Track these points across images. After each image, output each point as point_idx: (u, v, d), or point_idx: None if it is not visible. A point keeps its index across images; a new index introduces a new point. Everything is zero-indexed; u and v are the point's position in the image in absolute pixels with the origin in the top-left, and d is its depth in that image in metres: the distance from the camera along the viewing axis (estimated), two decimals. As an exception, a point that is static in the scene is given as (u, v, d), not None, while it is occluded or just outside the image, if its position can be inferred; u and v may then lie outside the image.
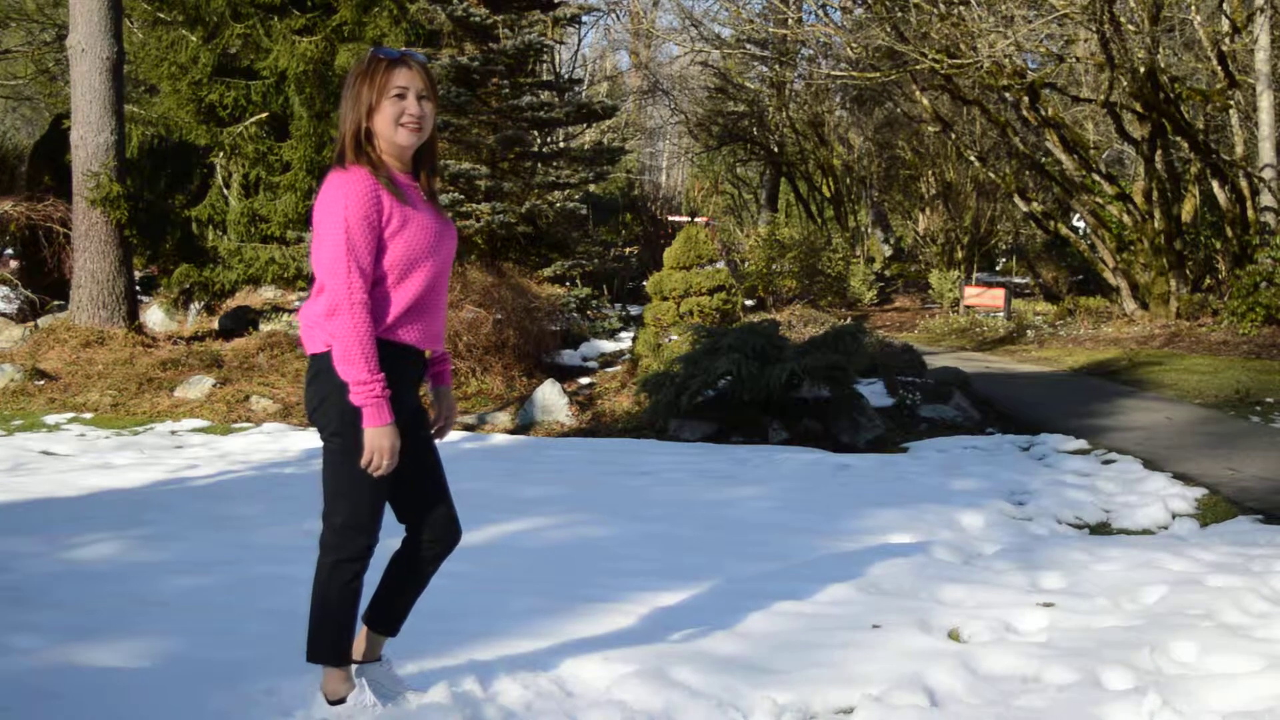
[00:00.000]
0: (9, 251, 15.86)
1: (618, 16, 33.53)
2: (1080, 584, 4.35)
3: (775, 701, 3.06)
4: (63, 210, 12.80)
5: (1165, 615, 3.86)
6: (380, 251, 2.65)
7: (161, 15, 13.30)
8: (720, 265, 11.24)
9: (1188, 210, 17.48)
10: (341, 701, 2.80)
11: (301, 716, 2.83)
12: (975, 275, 24.32)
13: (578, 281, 12.86)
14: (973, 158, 21.08)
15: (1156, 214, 16.59)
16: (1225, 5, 16.56)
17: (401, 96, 2.67)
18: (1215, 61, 16.09)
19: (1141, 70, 15.19)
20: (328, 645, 2.78)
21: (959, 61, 16.24)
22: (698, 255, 10.76)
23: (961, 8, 16.42)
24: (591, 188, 15.84)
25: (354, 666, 2.86)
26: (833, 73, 22.52)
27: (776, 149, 28.35)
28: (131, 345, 11.19)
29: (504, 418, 9.12)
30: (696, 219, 23.58)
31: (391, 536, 2.89)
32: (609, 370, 11.21)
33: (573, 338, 12.14)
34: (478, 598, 3.98)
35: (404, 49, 2.78)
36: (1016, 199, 19.61)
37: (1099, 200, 17.80)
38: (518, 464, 7.27)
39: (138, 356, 10.88)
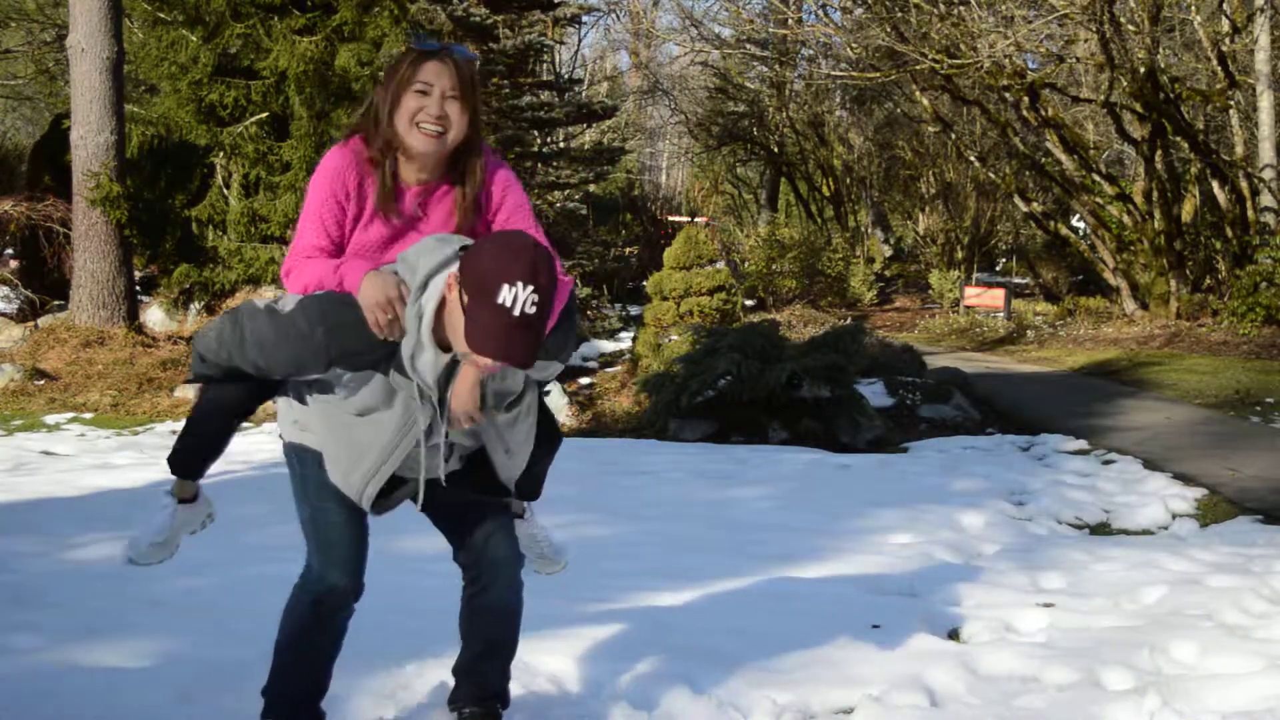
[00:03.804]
0: (9, 251, 15.85)
1: (618, 16, 33.52)
2: (1080, 584, 4.35)
3: (775, 701, 3.06)
4: (63, 210, 12.79)
5: (1165, 615, 3.86)
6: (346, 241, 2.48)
7: (161, 15, 13.30)
8: (720, 265, 11.25)
9: (1188, 210, 17.49)
10: None
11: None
12: (975, 275, 24.31)
13: (578, 281, 12.86)
14: (973, 158, 21.08)
15: (1156, 214, 16.59)
16: (1225, 5, 16.56)
17: (424, 93, 2.37)
18: (1215, 61, 16.09)
19: (1141, 70, 15.19)
20: None
21: (959, 61, 16.24)
22: (698, 255, 10.76)
23: (961, 8, 16.42)
24: (591, 188, 15.84)
25: None
26: (833, 73, 22.52)
27: (776, 149, 28.34)
28: (131, 345, 11.19)
29: (504, 418, 9.11)
30: (696, 219, 23.58)
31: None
32: (609, 370, 11.21)
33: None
34: (478, 598, 3.98)
35: (447, 43, 2.53)
36: (1016, 199, 19.61)
37: (1099, 200, 17.79)
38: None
39: (138, 356, 10.88)
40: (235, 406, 2.50)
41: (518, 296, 2.09)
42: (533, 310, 2.11)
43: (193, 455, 2.61)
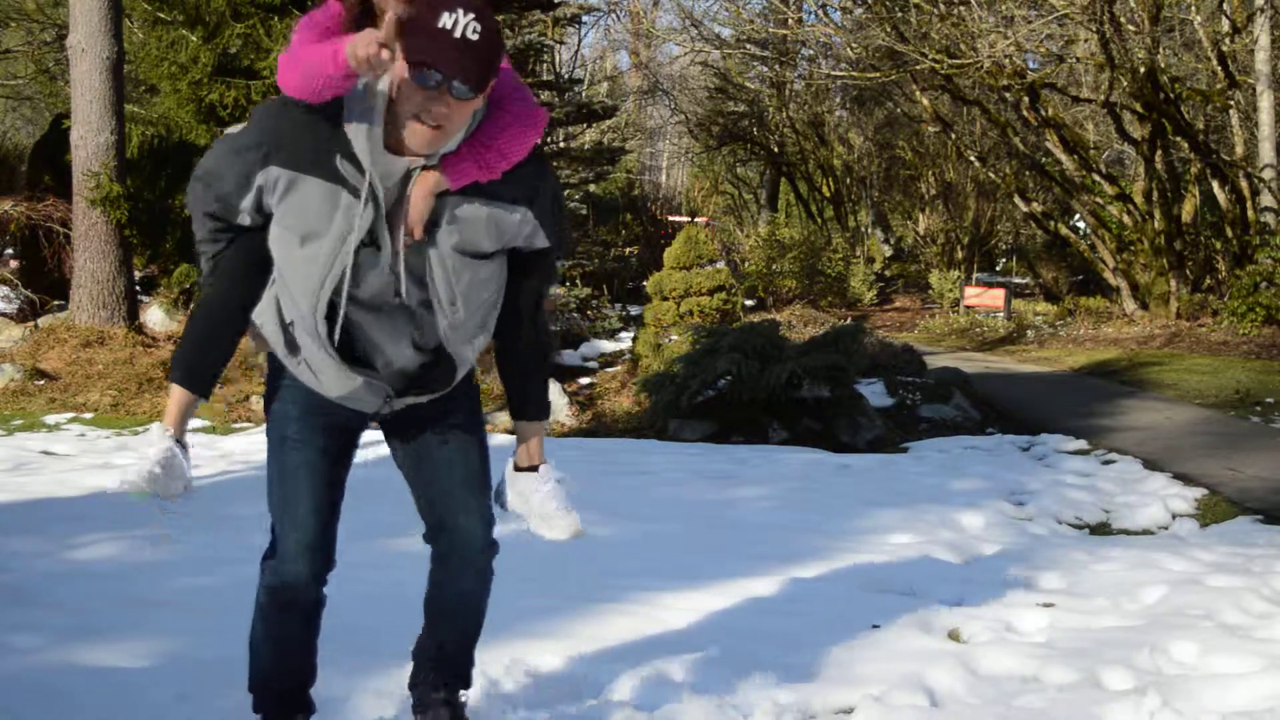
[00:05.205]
0: (9, 251, 15.84)
1: (618, 16, 33.54)
2: (1080, 584, 4.35)
3: (775, 701, 3.06)
4: (63, 210, 12.79)
5: (1165, 615, 3.86)
6: None
7: (161, 15, 13.29)
8: (720, 265, 11.25)
9: (1188, 210, 17.49)
10: None
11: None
12: (975, 275, 24.31)
13: (578, 281, 12.86)
14: (973, 158, 21.08)
15: (1156, 214, 16.59)
16: (1225, 5, 16.56)
17: None
18: (1215, 61, 16.09)
19: (1141, 70, 15.19)
20: None
21: (959, 61, 16.24)
22: (698, 255, 10.76)
23: (961, 8, 16.42)
24: (591, 188, 15.86)
25: None
26: (833, 73, 22.53)
27: (776, 149, 28.35)
28: (131, 345, 11.19)
29: (504, 418, 9.12)
30: (696, 219, 23.58)
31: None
32: (609, 370, 11.22)
33: (573, 338, 12.15)
34: (478, 598, 3.97)
35: None
36: (1016, 199, 19.61)
37: (1099, 200, 17.80)
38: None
39: (138, 356, 10.88)
40: (238, 279, 2.35)
41: (458, 21, 2.01)
42: (475, 37, 2.01)
43: (196, 351, 2.38)
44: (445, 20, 2.02)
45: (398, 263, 2.24)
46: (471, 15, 2.03)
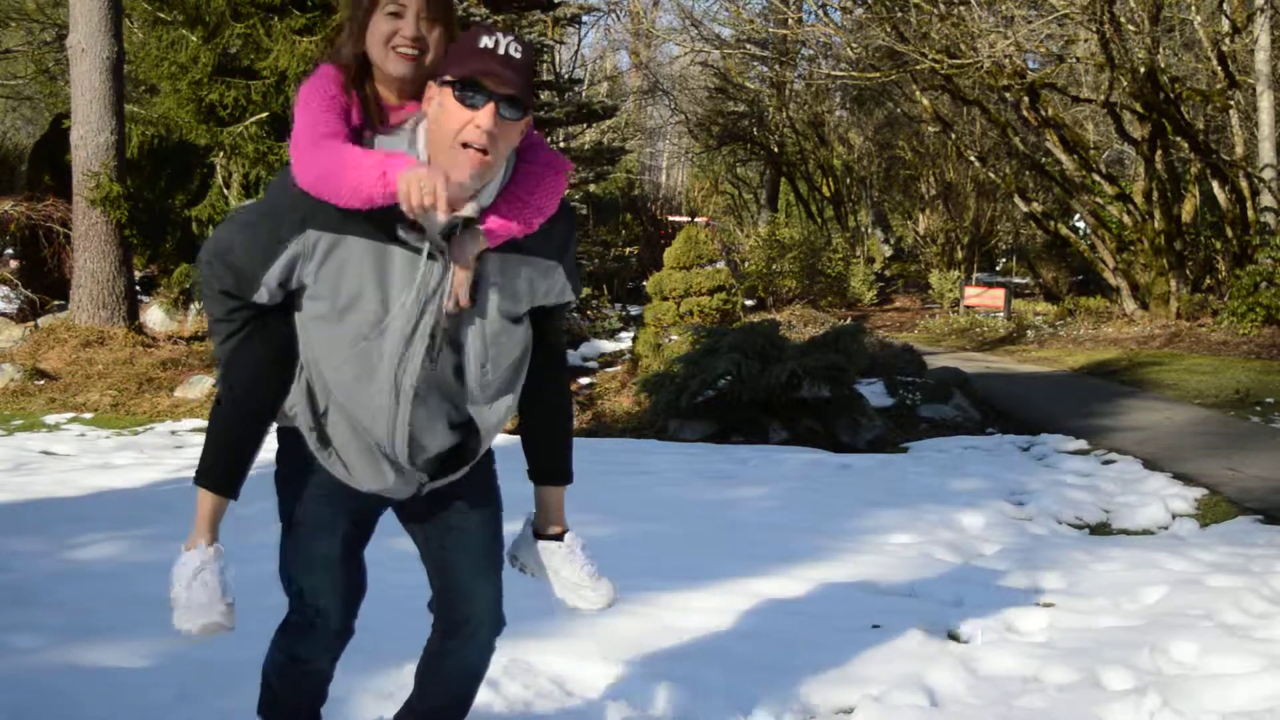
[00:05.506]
0: (9, 251, 15.86)
1: (618, 16, 33.55)
2: (1080, 584, 4.35)
3: (775, 701, 3.06)
4: (63, 210, 12.79)
5: (1165, 615, 3.86)
6: None
7: (161, 15, 13.29)
8: (720, 265, 11.25)
9: (1188, 210, 17.50)
10: None
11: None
12: (975, 275, 24.32)
13: (578, 281, 12.85)
14: (973, 158, 21.08)
15: (1156, 214, 16.59)
16: (1225, 5, 16.57)
17: (397, 15, 2.18)
18: (1215, 61, 16.09)
19: (1141, 70, 15.19)
20: None
21: (959, 61, 16.25)
22: (698, 255, 10.76)
23: (961, 8, 16.42)
24: (591, 188, 15.85)
25: None
26: (833, 73, 22.53)
27: (776, 149, 28.35)
28: (131, 345, 11.19)
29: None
30: (696, 219, 23.58)
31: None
32: (609, 370, 11.21)
33: (573, 338, 12.15)
34: (478, 598, 3.97)
35: None
36: (1016, 199, 19.62)
37: (1099, 200, 17.80)
38: (517, 464, 7.26)
39: (138, 356, 10.88)
40: (258, 377, 2.16)
41: (499, 41, 2.02)
42: (518, 55, 2.01)
43: (220, 457, 2.21)
44: (487, 41, 2.02)
45: (436, 328, 2.11)
46: (511, 37, 2.04)
